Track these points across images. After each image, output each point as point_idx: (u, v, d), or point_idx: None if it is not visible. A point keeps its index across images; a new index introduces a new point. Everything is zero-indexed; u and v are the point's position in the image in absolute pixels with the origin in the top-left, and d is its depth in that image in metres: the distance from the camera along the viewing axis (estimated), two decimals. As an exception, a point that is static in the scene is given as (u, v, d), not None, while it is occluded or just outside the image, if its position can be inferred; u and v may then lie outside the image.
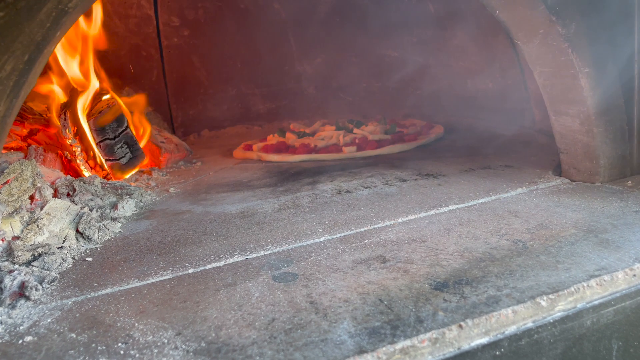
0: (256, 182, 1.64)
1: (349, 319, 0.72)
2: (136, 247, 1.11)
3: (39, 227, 1.12)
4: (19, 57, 0.74)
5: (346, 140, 2.04)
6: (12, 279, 0.88)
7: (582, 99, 1.20)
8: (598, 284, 0.78)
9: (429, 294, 0.78)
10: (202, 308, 0.80)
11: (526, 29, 1.23)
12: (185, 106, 2.93)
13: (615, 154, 1.24)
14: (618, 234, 0.94)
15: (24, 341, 0.74)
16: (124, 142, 1.62)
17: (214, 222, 1.24)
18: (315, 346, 0.67)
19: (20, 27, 0.73)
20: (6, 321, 0.80)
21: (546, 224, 1.03)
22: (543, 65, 1.26)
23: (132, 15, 2.67)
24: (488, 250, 0.92)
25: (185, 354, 0.68)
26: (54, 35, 0.78)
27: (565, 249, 0.89)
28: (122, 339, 0.73)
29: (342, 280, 0.85)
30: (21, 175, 1.22)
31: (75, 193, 1.39)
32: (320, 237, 1.07)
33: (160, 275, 0.95)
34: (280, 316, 0.75)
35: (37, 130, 1.77)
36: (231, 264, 0.97)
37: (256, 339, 0.70)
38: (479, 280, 0.81)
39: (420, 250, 0.95)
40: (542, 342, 0.73)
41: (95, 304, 0.85)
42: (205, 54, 2.91)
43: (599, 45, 1.18)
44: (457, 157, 1.71)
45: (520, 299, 0.74)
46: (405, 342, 0.66)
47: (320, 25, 2.89)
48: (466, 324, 0.69)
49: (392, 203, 1.25)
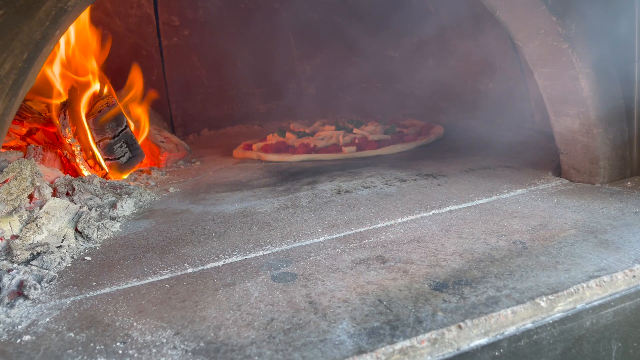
0: (256, 181, 1.64)
1: (348, 319, 0.72)
2: (135, 247, 1.11)
3: (38, 226, 1.12)
4: (18, 56, 0.73)
5: (346, 140, 2.04)
6: (10, 277, 0.88)
7: (582, 100, 1.20)
8: (597, 285, 0.78)
9: (428, 295, 0.78)
10: (201, 308, 0.80)
11: (526, 29, 1.22)
12: (185, 106, 2.93)
13: (615, 155, 1.24)
14: (618, 234, 0.94)
15: (22, 340, 0.74)
16: (124, 142, 1.61)
17: (213, 221, 1.24)
18: (314, 346, 0.67)
19: (19, 25, 0.72)
20: (4, 320, 0.80)
21: (546, 224, 1.02)
22: (543, 66, 1.25)
23: (132, 14, 2.67)
24: (488, 251, 0.92)
25: (184, 353, 0.67)
26: (53, 34, 0.78)
27: (564, 250, 0.89)
28: (121, 339, 0.72)
29: (341, 280, 0.85)
30: (20, 174, 1.22)
31: (74, 192, 1.39)
32: (320, 237, 1.07)
33: (159, 274, 0.94)
34: (279, 316, 0.75)
35: (37, 129, 1.77)
36: (230, 264, 0.97)
37: (255, 339, 0.69)
38: (478, 280, 0.81)
39: (420, 251, 0.95)
40: (541, 343, 0.73)
41: (93, 303, 0.85)
42: (205, 53, 2.91)
43: (600, 46, 1.17)
44: (457, 157, 1.71)
45: (519, 299, 0.74)
46: (405, 342, 0.66)
47: (321, 25, 2.89)
48: (465, 325, 0.69)
49: (391, 203, 1.25)
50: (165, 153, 2.05)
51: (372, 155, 1.89)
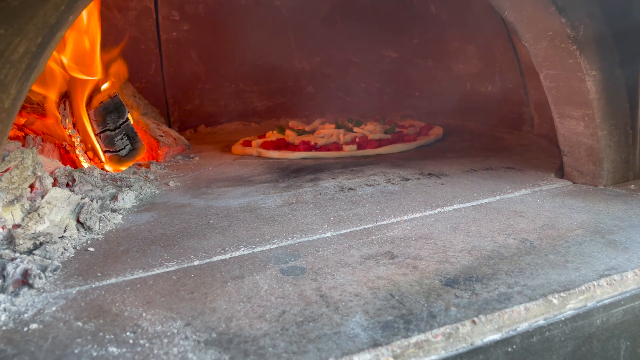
0: (257, 177, 1.63)
1: (360, 313, 0.72)
2: (139, 239, 1.10)
3: (40, 215, 1.10)
4: (32, 40, 0.72)
5: (346, 139, 2.03)
6: (15, 266, 0.87)
7: (588, 102, 1.21)
8: (608, 284, 0.78)
9: (440, 290, 0.78)
10: (211, 300, 0.79)
11: (535, 30, 1.23)
12: (182, 101, 2.91)
13: (618, 158, 1.25)
14: (625, 235, 0.94)
15: (30, 329, 0.73)
16: (125, 134, 1.60)
17: (217, 215, 1.23)
18: (328, 339, 0.66)
19: (34, 8, 0.71)
20: (10, 309, 0.79)
21: (552, 224, 1.03)
22: (550, 68, 1.26)
23: (132, 7, 2.65)
24: (496, 249, 0.92)
25: (197, 344, 0.67)
26: (67, 19, 0.77)
27: (573, 249, 0.90)
28: (131, 328, 0.71)
29: (351, 275, 0.85)
30: (22, 163, 1.20)
31: (74, 183, 1.37)
32: (326, 233, 1.06)
33: (165, 266, 0.93)
34: (291, 309, 0.75)
35: (34, 120, 1.75)
36: (237, 257, 0.96)
37: (268, 331, 0.69)
38: (489, 277, 0.81)
39: (428, 247, 0.95)
40: (553, 340, 0.73)
41: (100, 293, 0.84)
42: (204, 49, 2.89)
43: (607, 49, 1.18)
44: (458, 157, 1.72)
45: (532, 296, 0.74)
46: (420, 336, 0.66)
47: (321, 23, 2.89)
48: (479, 320, 0.69)
49: (396, 201, 1.25)
50: (164, 147, 2.03)
51: (373, 154, 1.89)
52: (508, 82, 2.19)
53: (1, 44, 0.69)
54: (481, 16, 2.19)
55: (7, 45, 0.70)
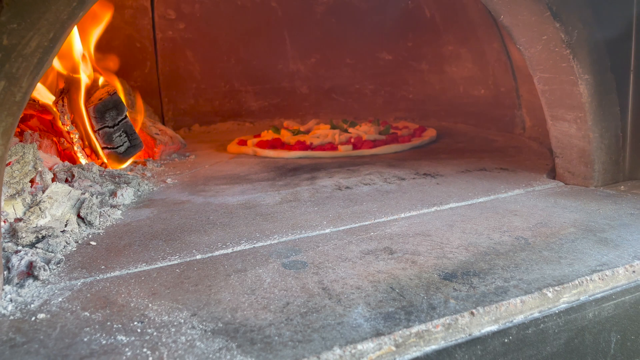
0: (254, 175, 1.65)
1: (362, 304, 0.74)
2: (140, 234, 1.11)
3: (42, 210, 1.11)
4: (44, 35, 0.73)
5: (342, 139, 2.06)
6: (19, 258, 0.88)
7: (580, 105, 1.24)
8: (600, 278, 0.81)
9: (438, 284, 0.80)
10: (215, 291, 0.81)
11: (529, 34, 1.26)
12: (176, 100, 2.92)
13: (609, 160, 1.28)
14: (616, 233, 0.98)
15: (37, 318, 0.74)
16: (123, 131, 1.61)
17: (216, 212, 1.25)
18: (332, 328, 0.68)
19: (47, 4, 0.72)
20: (16, 299, 0.80)
21: (545, 222, 1.06)
22: (544, 71, 1.29)
23: (128, 5, 2.65)
24: (492, 245, 0.95)
25: (204, 333, 0.68)
26: (77, 14, 0.78)
27: (566, 246, 0.93)
28: (138, 318, 0.73)
29: (351, 269, 0.87)
30: (23, 157, 1.21)
31: (74, 179, 1.38)
32: (326, 229, 1.08)
33: (168, 260, 0.95)
34: (295, 300, 0.76)
35: (31, 116, 1.75)
36: (239, 252, 0.98)
37: (273, 321, 0.71)
38: (485, 272, 0.83)
39: (426, 244, 0.97)
40: (547, 332, 0.75)
41: (105, 285, 0.85)
42: (199, 48, 2.90)
43: (599, 54, 1.22)
44: (452, 159, 1.75)
45: (527, 289, 0.77)
46: (420, 326, 0.68)
47: (316, 25, 2.91)
48: (477, 312, 0.72)
49: (393, 199, 1.28)
50: (160, 145, 2.04)
51: (368, 154, 1.92)
52: (501, 86, 2.23)
53: (14, 38, 0.70)
54: (475, 20, 2.23)
55: (20, 39, 0.71)
